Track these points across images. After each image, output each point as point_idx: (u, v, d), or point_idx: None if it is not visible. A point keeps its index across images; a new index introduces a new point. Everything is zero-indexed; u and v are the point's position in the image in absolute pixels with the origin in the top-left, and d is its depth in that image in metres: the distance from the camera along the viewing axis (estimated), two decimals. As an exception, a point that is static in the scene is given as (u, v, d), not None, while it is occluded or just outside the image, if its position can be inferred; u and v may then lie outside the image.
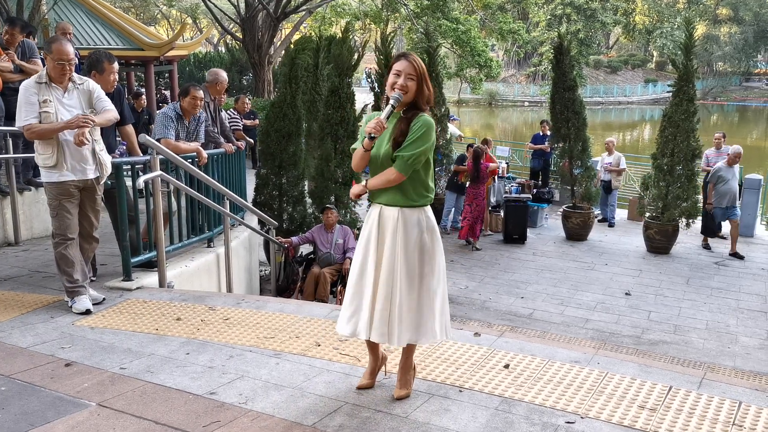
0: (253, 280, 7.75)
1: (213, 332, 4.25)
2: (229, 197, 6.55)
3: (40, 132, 4.38)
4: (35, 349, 3.96)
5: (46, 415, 3.15)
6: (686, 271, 9.82)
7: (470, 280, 9.12)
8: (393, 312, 3.10)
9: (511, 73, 61.04)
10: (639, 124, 46.97)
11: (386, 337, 3.11)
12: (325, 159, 8.92)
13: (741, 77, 63.30)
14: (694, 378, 3.55)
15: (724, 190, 10.70)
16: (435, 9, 24.34)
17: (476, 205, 10.89)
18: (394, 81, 3.08)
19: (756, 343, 7.04)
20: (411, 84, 3.07)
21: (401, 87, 3.06)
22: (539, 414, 3.14)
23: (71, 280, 4.59)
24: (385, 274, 3.11)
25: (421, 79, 3.09)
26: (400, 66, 3.09)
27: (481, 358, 3.78)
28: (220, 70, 7.52)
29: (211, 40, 47.04)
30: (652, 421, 3.06)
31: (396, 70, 3.10)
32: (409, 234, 3.12)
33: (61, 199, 4.50)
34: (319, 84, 11.43)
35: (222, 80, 7.24)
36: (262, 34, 20.64)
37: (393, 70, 3.12)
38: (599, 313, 7.93)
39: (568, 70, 11.58)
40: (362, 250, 3.21)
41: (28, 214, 7.03)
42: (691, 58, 10.45)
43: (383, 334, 3.11)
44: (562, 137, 11.74)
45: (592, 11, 49.48)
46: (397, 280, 3.10)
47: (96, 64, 5.16)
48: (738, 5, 57.58)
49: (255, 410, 3.18)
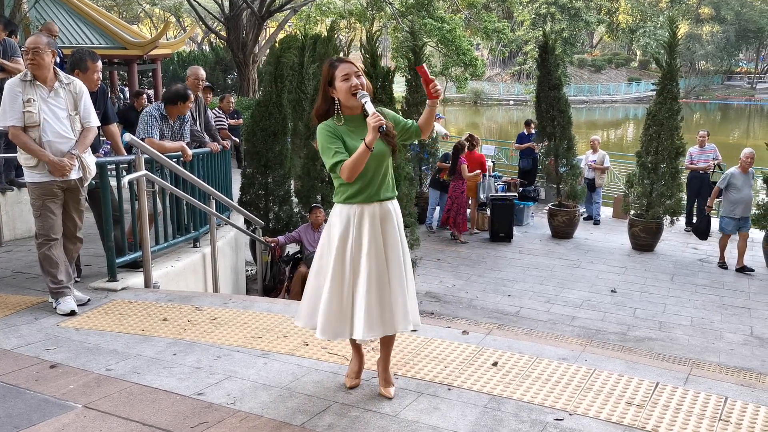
0: (239, 280, 7.71)
1: (200, 332, 4.22)
2: (215, 196, 6.51)
3: (22, 143, 4.34)
4: (19, 351, 3.92)
5: (32, 417, 3.12)
6: (671, 268, 9.90)
7: (457, 279, 9.13)
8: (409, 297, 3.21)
9: (496, 71, 61.26)
10: (623, 123, 47.32)
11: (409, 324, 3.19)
12: (312, 158, 8.89)
13: (723, 76, 64.03)
14: (681, 374, 3.57)
15: (735, 198, 9.75)
16: (420, 8, 24.37)
17: (455, 198, 11.10)
18: (348, 85, 3.08)
19: (740, 339, 7.10)
20: (362, 80, 3.13)
21: (356, 86, 3.09)
22: (528, 411, 3.14)
23: (55, 281, 4.54)
24: (395, 264, 3.16)
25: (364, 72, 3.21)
26: (346, 69, 3.11)
27: (470, 356, 3.78)
28: (197, 66, 7.50)
29: (194, 38, 46.78)
30: (640, 417, 3.08)
31: (344, 75, 3.09)
32: (401, 224, 3.26)
33: (45, 199, 4.45)
34: (305, 83, 11.41)
35: (195, 74, 7.12)
36: (246, 33, 20.56)
37: (339, 77, 3.10)
38: (585, 310, 7.97)
39: (554, 69, 11.63)
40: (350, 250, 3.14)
41: (11, 214, 6.95)
42: (674, 56, 10.54)
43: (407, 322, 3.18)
44: (547, 135, 11.79)
45: (576, 10, 49.82)
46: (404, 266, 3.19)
47: (79, 62, 5.11)
48: (720, 4, 58.20)
49: (243, 410, 3.16)
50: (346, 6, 31.16)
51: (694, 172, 12.00)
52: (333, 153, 3.08)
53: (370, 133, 3.00)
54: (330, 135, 3.11)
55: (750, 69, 65.89)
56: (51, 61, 4.46)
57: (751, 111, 53.68)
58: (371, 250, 3.10)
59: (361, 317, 3.08)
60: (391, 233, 3.17)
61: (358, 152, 3.02)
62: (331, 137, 3.11)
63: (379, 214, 3.16)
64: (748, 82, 63.72)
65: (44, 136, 4.37)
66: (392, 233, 3.18)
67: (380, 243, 3.14)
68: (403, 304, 3.14)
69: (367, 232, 3.13)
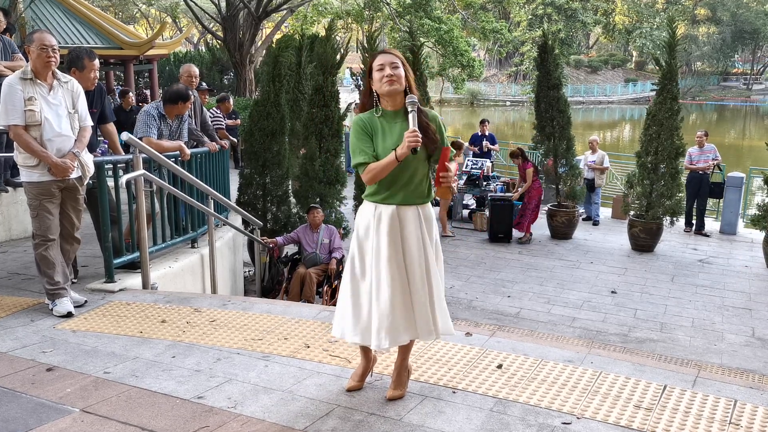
0: (237, 281, 7.65)
1: (199, 334, 4.16)
2: (213, 197, 6.44)
3: (25, 143, 4.27)
4: (15, 354, 3.85)
5: (28, 422, 3.05)
6: (671, 268, 9.86)
7: (456, 279, 9.08)
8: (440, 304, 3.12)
9: (493, 72, 61.31)
10: (619, 124, 47.34)
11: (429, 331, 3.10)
12: (310, 158, 8.83)
13: (719, 77, 64.19)
14: (689, 376, 3.52)
15: None
16: (417, 8, 24.32)
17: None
18: (381, 75, 3.03)
19: (742, 340, 7.06)
20: (398, 71, 3.04)
21: (390, 76, 3.01)
22: (535, 415, 3.09)
23: (52, 282, 4.47)
24: (420, 270, 3.06)
25: (404, 65, 3.08)
26: (381, 60, 3.06)
27: (474, 359, 3.72)
28: (189, 63, 7.47)
29: (191, 39, 46.70)
30: (649, 421, 3.03)
31: (379, 65, 3.05)
32: (431, 230, 3.14)
33: (42, 199, 4.39)
34: (303, 82, 11.34)
35: (188, 71, 7.04)
36: (243, 33, 20.50)
37: (375, 67, 3.07)
38: (586, 311, 7.92)
39: (553, 69, 11.58)
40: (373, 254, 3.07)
41: (7, 215, 6.87)
42: (674, 56, 10.50)
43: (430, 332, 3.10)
44: (546, 136, 11.74)
45: (572, 11, 49.83)
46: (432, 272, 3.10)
47: (76, 61, 5.03)
48: (716, 6, 58.34)
49: (244, 414, 3.10)
50: (344, 6, 31.10)
51: (693, 172, 11.96)
52: (359, 152, 3.05)
53: (403, 147, 2.94)
54: (361, 131, 3.07)
55: (746, 70, 66.06)
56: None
57: (747, 112, 53.80)
58: (391, 253, 3.03)
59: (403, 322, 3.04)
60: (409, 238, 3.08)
61: (386, 161, 2.98)
62: (361, 133, 3.06)
63: (422, 216, 3.10)
64: (744, 84, 63.88)
65: (45, 135, 4.30)
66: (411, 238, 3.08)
67: (399, 247, 3.06)
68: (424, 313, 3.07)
69: (386, 234, 3.04)
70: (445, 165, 3.04)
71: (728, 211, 12.22)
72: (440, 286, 3.15)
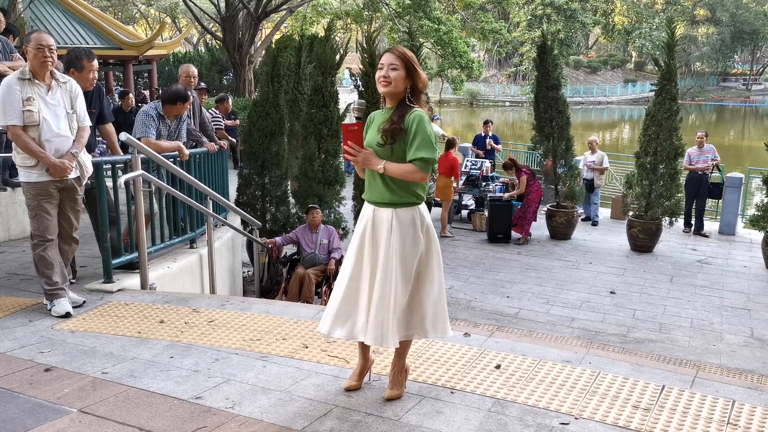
0: (236, 281, 7.64)
1: (197, 335, 4.16)
2: (212, 197, 6.44)
3: (24, 144, 4.26)
4: (13, 354, 3.84)
5: (26, 422, 3.04)
6: (670, 269, 9.86)
7: (455, 280, 9.07)
8: (387, 314, 3.03)
9: (492, 73, 61.30)
10: (618, 124, 47.35)
11: (380, 339, 3.03)
12: (309, 158, 8.83)
13: (718, 77, 64.21)
14: (687, 377, 3.52)
15: None
16: (417, 8, 24.30)
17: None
18: (378, 75, 3.08)
19: (740, 340, 7.06)
20: (394, 74, 3.02)
21: (385, 78, 3.03)
22: (533, 415, 3.09)
23: (50, 282, 4.47)
24: (381, 276, 3.04)
25: (408, 66, 3.03)
26: (383, 59, 3.08)
27: (472, 359, 3.72)
28: (188, 63, 7.48)
29: (190, 39, 46.67)
30: (647, 421, 3.02)
31: (380, 64, 3.11)
32: (404, 234, 3.05)
33: (40, 199, 4.38)
34: (302, 83, 11.34)
35: (186, 72, 7.03)
36: (242, 34, 20.49)
37: (378, 65, 3.13)
38: (585, 312, 7.91)
39: (552, 69, 11.58)
40: (355, 251, 3.16)
41: (5, 215, 6.87)
42: (673, 56, 10.50)
43: (377, 337, 3.04)
44: (545, 136, 11.73)
45: (572, 12, 49.78)
46: (392, 281, 3.02)
47: (75, 61, 5.02)
48: (715, 6, 58.37)
49: (242, 415, 3.10)
50: (343, 7, 31.09)
51: (692, 173, 11.97)
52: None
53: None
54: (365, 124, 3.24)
55: (745, 71, 66.09)
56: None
57: (746, 112, 53.82)
58: (381, 255, 3.08)
59: (362, 321, 3.08)
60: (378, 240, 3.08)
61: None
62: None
63: (395, 219, 3.06)
64: (743, 84, 63.90)
65: (43, 135, 4.30)
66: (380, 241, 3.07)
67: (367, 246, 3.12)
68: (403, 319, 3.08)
69: (369, 234, 3.13)
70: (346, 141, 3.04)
71: (727, 212, 12.24)
72: (400, 297, 3.03)
